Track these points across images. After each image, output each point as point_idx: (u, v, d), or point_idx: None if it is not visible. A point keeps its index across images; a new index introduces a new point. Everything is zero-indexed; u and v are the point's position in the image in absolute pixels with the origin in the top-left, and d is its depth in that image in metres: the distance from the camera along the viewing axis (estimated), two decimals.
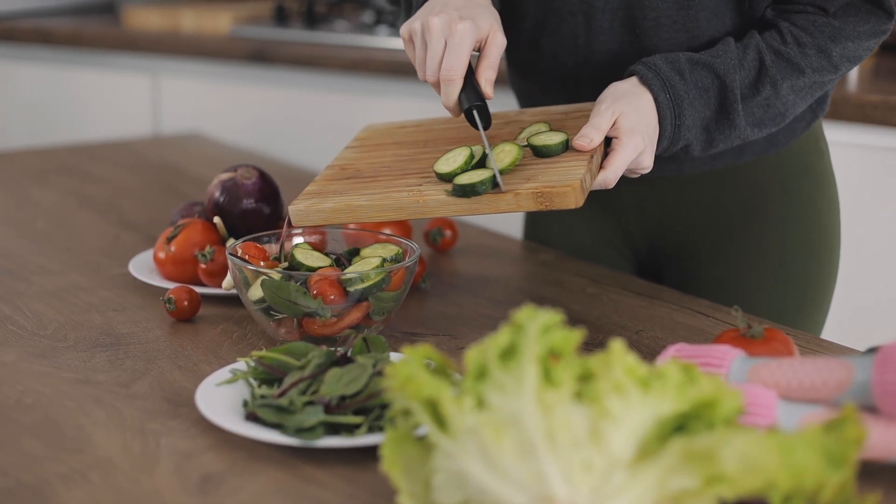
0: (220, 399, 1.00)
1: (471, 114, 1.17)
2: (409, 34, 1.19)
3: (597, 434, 0.75)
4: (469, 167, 1.17)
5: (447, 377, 0.83)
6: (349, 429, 0.95)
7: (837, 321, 1.50)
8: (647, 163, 1.18)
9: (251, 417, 0.96)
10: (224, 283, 1.28)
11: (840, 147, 1.49)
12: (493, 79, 1.18)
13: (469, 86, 1.17)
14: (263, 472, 0.91)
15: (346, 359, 1.01)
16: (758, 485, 0.73)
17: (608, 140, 1.18)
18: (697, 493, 0.75)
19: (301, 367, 1.01)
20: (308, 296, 1.12)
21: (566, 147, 1.18)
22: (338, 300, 1.13)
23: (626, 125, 1.16)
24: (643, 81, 1.20)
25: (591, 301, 1.34)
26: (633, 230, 1.46)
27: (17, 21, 3.01)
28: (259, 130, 2.68)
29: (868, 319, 2.00)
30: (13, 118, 3.04)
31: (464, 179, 1.14)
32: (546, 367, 0.77)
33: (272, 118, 2.68)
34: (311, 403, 0.95)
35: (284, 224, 1.25)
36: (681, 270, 1.44)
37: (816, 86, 1.25)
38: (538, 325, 0.78)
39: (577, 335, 0.79)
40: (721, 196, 1.39)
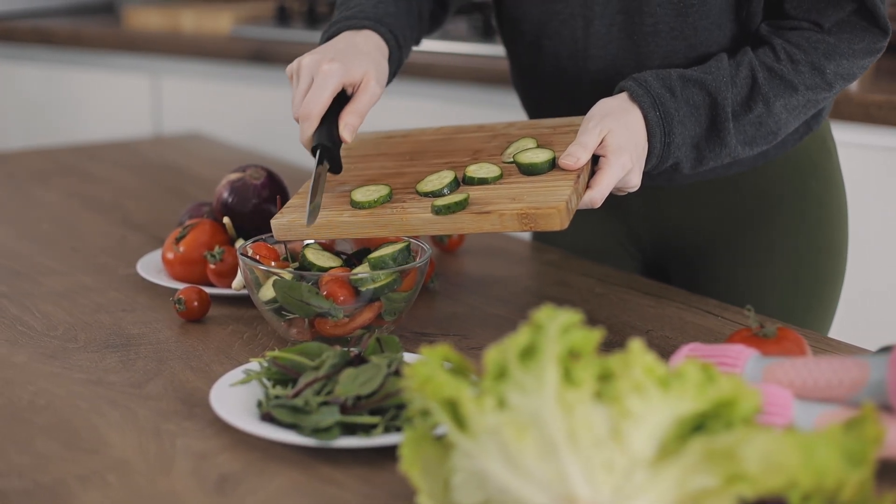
0: (234, 399, 1.00)
1: (314, 151, 1.19)
2: (290, 72, 1.23)
3: (618, 434, 0.75)
4: (450, 190, 1.18)
5: (466, 377, 0.83)
6: (365, 429, 0.95)
7: (841, 320, 1.50)
8: (635, 182, 1.18)
9: (267, 418, 0.97)
10: (234, 284, 1.28)
11: (844, 147, 1.49)
12: (355, 125, 1.19)
13: (324, 126, 1.19)
14: (280, 473, 0.91)
15: (361, 359, 1.01)
16: (779, 484, 0.73)
17: (596, 158, 1.18)
18: (717, 493, 0.75)
19: (315, 368, 1.01)
20: (320, 296, 1.12)
21: (553, 165, 1.18)
22: (349, 300, 1.13)
23: (614, 144, 1.15)
24: (633, 98, 1.19)
25: (600, 301, 1.34)
26: (640, 230, 1.46)
27: (17, 21, 3.00)
28: (260, 131, 2.68)
29: (871, 319, 2.00)
30: (12, 119, 3.03)
31: (441, 202, 1.16)
32: (566, 367, 0.77)
33: (273, 118, 2.68)
34: (327, 404, 0.95)
35: None
36: (688, 269, 1.45)
37: (810, 104, 1.24)
38: (558, 325, 0.79)
39: (597, 335, 0.79)
40: (729, 198, 1.39)
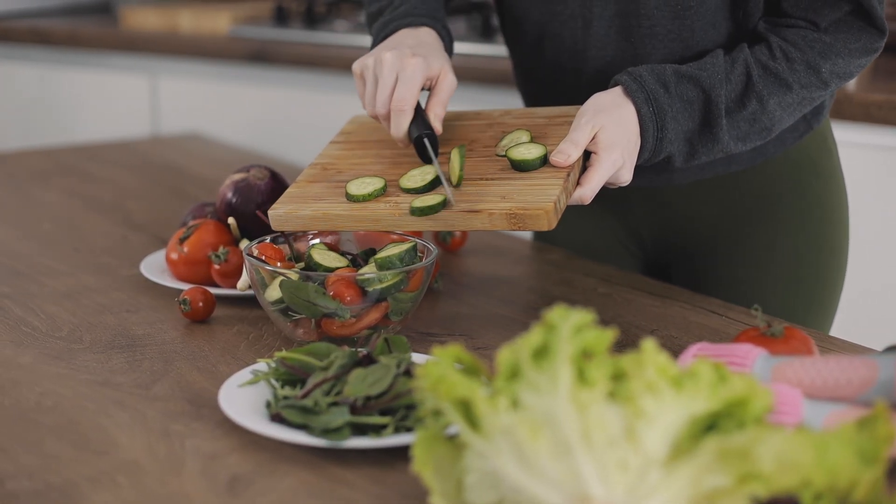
0: (243, 400, 1.00)
1: (421, 142, 1.21)
2: (362, 70, 1.24)
3: (632, 433, 0.75)
4: (428, 188, 1.20)
5: (478, 377, 0.83)
6: (375, 429, 0.95)
7: (841, 319, 1.50)
8: (626, 177, 1.19)
9: (276, 419, 0.96)
10: (239, 284, 1.28)
11: (843, 146, 1.49)
12: (442, 115, 1.24)
13: (418, 117, 1.21)
14: (291, 473, 0.91)
15: (370, 359, 1.00)
16: (793, 483, 0.74)
17: (587, 153, 1.19)
18: (731, 492, 0.75)
19: (324, 368, 1.00)
20: (327, 296, 1.12)
21: (544, 162, 1.19)
22: (356, 301, 1.13)
23: (606, 140, 1.16)
24: (627, 93, 1.20)
25: (604, 300, 1.34)
26: (642, 229, 1.46)
27: (14, 21, 2.99)
28: (259, 131, 2.68)
29: (871, 317, 2.00)
30: (10, 119, 3.02)
31: (418, 203, 1.18)
32: (580, 367, 0.77)
33: (272, 119, 2.67)
34: (336, 404, 0.95)
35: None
36: (690, 268, 1.45)
37: (805, 101, 1.25)
38: (571, 325, 0.78)
39: (610, 335, 0.79)
40: (730, 196, 1.39)
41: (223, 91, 2.72)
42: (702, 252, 1.43)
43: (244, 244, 1.34)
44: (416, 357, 1.07)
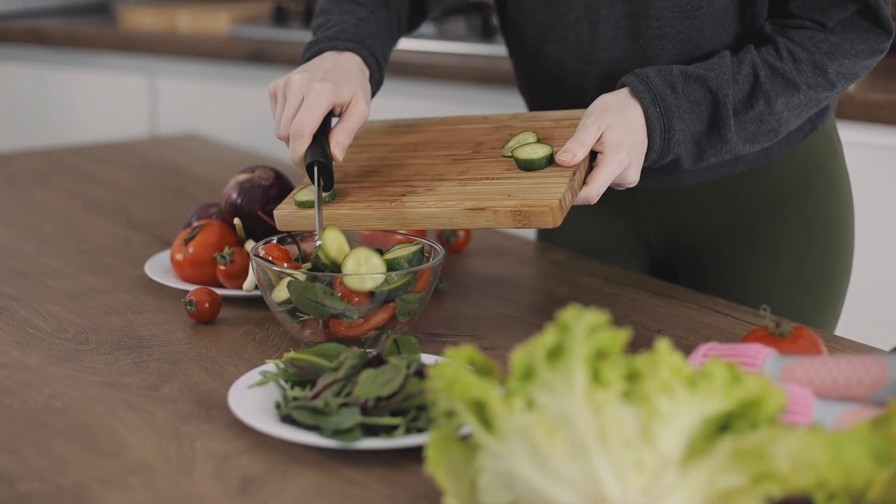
0: (252, 401, 1.00)
1: (311, 169, 1.20)
2: (274, 89, 1.25)
3: (647, 433, 0.75)
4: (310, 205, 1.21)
5: (492, 378, 0.83)
6: (387, 430, 0.94)
7: (845, 319, 1.51)
8: (633, 178, 1.18)
9: (287, 419, 0.96)
10: (245, 285, 1.27)
11: (845, 146, 1.49)
12: (345, 144, 1.21)
13: (317, 144, 1.20)
14: (303, 475, 0.91)
15: (380, 360, 1.00)
16: (809, 482, 0.74)
17: (594, 153, 1.19)
18: (745, 492, 0.75)
19: (334, 369, 1.00)
20: (335, 297, 1.12)
21: (550, 161, 1.19)
22: (363, 301, 1.13)
23: (612, 140, 1.16)
24: (634, 94, 1.20)
25: (610, 301, 1.34)
26: (648, 230, 1.46)
27: (12, 21, 2.99)
28: (257, 131, 2.67)
29: (874, 317, 2.01)
30: (8, 119, 3.02)
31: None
32: (594, 368, 0.77)
33: (270, 119, 2.66)
34: (347, 405, 0.95)
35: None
36: (695, 268, 1.45)
37: (812, 102, 1.25)
38: (585, 326, 0.78)
39: (624, 335, 0.79)
40: (736, 197, 1.40)
41: (222, 91, 2.71)
42: (708, 252, 1.43)
43: (250, 245, 1.34)
44: (425, 358, 1.07)
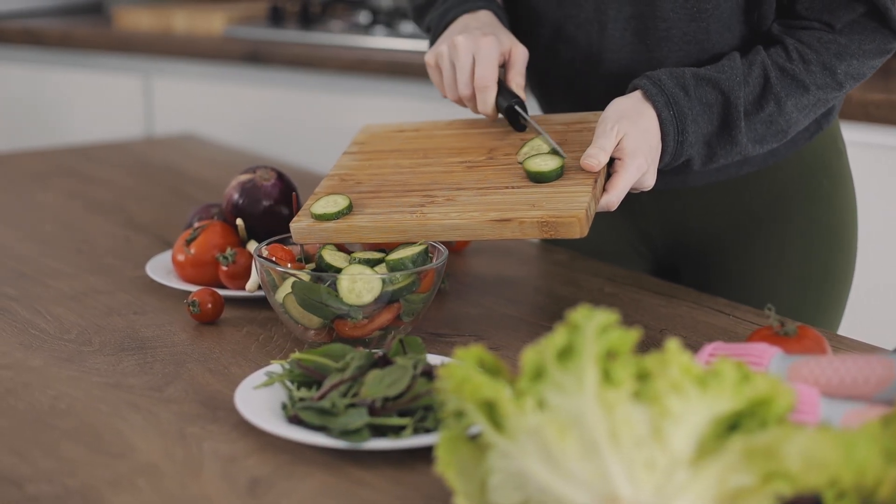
0: (258, 402, 1.00)
1: (513, 110, 1.26)
2: (436, 58, 1.28)
3: (659, 433, 0.75)
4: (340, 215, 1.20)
5: (502, 379, 0.83)
6: (394, 431, 0.94)
7: (846, 318, 1.51)
8: (650, 182, 1.20)
9: (294, 420, 0.96)
10: (248, 285, 1.27)
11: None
12: (523, 84, 1.28)
13: (503, 89, 1.26)
14: (311, 475, 0.91)
15: (386, 360, 1.00)
16: (820, 481, 0.74)
17: (611, 160, 1.20)
18: (756, 491, 0.75)
19: (341, 370, 1.00)
20: (339, 297, 1.11)
21: (560, 174, 1.19)
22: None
23: (630, 147, 1.17)
24: (647, 97, 1.20)
25: (612, 301, 1.35)
26: (653, 230, 1.46)
27: (6, 22, 2.98)
28: (254, 132, 2.67)
29: (874, 317, 2.01)
30: (2, 120, 3.01)
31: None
32: (605, 367, 0.77)
33: (267, 119, 2.67)
34: (354, 405, 0.95)
35: None
36: (699, 269, 1.45)
37: (820, 103, 1.26)
38: (595, 325, 0.79)
39: (634, 335, 0.79)
40: (742, 197, 1.40)
41: (218, 92, 2.71)
42: (713, 253, 1.43)
43: (252, 245, 1.34)
44: (430, 358, 1.07)
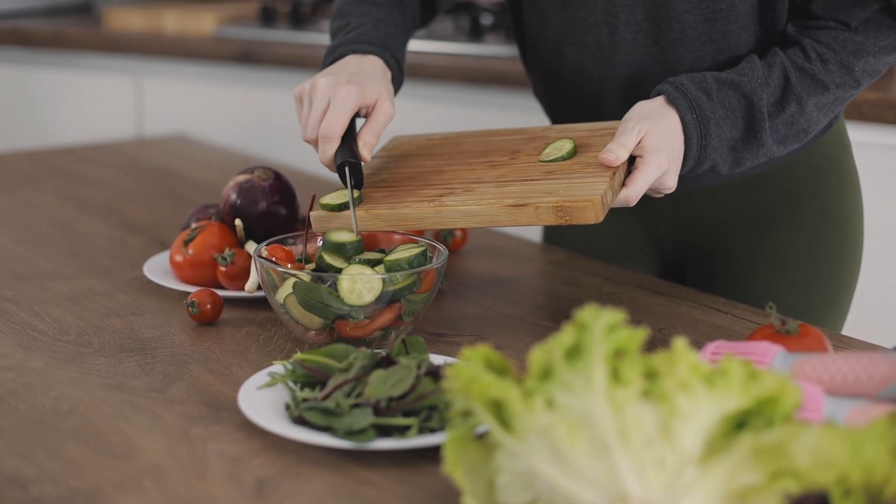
0: (261, 403, 1.00)
1: (342, 170, 1.22)
2: (300, 93, 1.26)
3: (667, 431, 0.76)
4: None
5: (509, 378, 0.83)
6: (399, 431, 0.94)
7: (850, 317, 1.51)
8: (671, 183, 1.20)
9: (299, 421, 0.96)
10: (248, 286, 1.27)
11: None
12: (373, 144, 1.23)
13: (346, 145, 1.22)
14: (317, 476, 0.91)
15: (389, 360, 1.00)
16: (829, 479, 0.74)
17: (632, 159, 1.20)
18: (764, 489, 0.76)
19: (344, 370, 1.00)
20: (340, 297, 1.11)
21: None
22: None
23: (651, 144, 1.17)
24: (670, 101, 1.21)
25: (610, 300, 1.35)
26: (661, 229, 1.46)
27: None
28: (245, 132, 2.67)
29: (876, 317, 2.01)
30: None
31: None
32: (613, 366, 0.78)
33: (259, 120, 2.66)
34: (358, 406, 0.95)
35: (306, 226, 1.25)
36: (705, 267, 1.45)
37: (838, 101, 1.26)
38: (603, 325, 0.79)
39: (642, 334, 0.79)
40: (752, 196, 1.40)
41: (209, 92, 2.70)
42: (720, 251, 1.44)
43: (250, 246, 1.34)
44: (433, 358, 1.07)
